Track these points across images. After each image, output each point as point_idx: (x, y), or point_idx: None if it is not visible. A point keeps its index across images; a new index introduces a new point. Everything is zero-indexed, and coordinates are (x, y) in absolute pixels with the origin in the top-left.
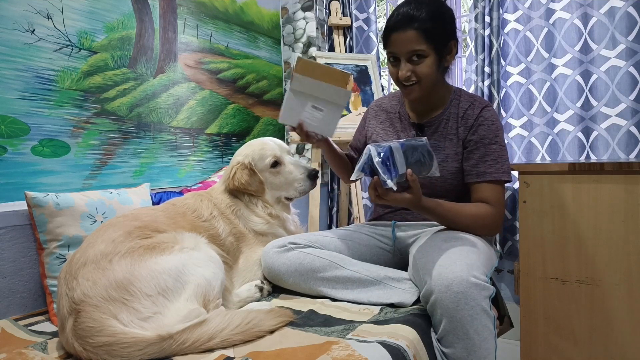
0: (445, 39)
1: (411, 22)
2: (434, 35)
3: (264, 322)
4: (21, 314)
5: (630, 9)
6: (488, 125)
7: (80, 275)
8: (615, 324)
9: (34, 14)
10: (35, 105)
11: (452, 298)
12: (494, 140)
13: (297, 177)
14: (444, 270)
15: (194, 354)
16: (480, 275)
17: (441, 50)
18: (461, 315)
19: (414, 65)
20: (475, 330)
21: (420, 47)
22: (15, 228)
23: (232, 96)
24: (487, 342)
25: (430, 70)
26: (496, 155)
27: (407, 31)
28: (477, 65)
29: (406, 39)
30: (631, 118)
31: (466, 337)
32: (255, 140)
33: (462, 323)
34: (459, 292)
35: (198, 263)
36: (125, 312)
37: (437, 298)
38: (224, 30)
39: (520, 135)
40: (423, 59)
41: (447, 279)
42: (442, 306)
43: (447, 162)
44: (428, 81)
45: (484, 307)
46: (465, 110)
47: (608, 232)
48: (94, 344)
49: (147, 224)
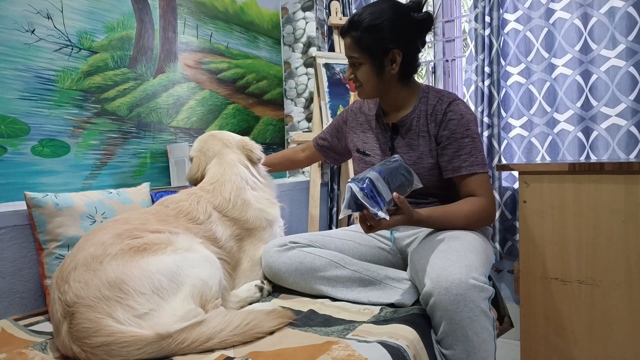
0: (380, 50)
1: (350, 30)
2: (366, 45)
3: (263, 323)
4: (21, 314)
5: (630, 9)
6: (457, 119)
7: (71, 278)
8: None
9: (34, 14)
10: (35, 105)
11: (451, 300)
12: (465, 133)
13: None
14: (442, 272)
15: (193, 354)
16: (479, 277)
17: (378, 59)
18: (460, 317)
19: (355, 69)
20: (474, 332)
21: (354, 53)
22: (15, 228)
23: (232, 96)
24: (486, 343)
25: (366, 77)
26: (470, 149)
27: (346, 38)
28: (477, 65)
29: (346, 45)
30: (631, 118)
31: (465, 339)
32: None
33: (461, 325)
34: (458, 295)
35: (193, 264)
36: (120, 310)
37: (436, 301)
38: (224, 30)
39: (520, 135)
40: (360, 65)
41: (446, 282)
42: (442, 308)
43: (422, 160)
44: (368, 86)
45: (483, 309)
46: (434, 107)
47: (608, 232)
48: (92, 345)
49: (137, 227)
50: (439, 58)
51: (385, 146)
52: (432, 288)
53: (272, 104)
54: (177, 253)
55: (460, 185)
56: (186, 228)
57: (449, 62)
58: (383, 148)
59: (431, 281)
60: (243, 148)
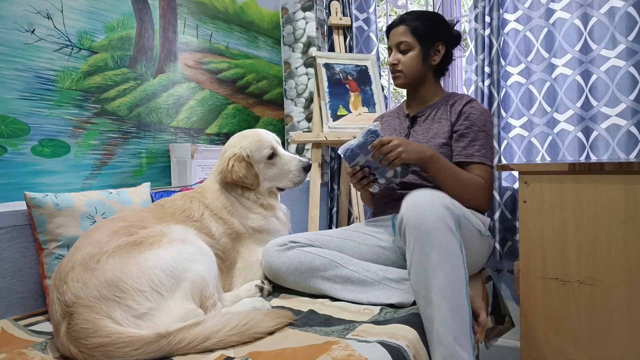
0: (429, 38)
1: (402, 21)
2: (419, 31)
3: (261, 323)
4: (21, 314)
5: (630, 9)
6: (477, 115)
7: (69, 278)
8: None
9: (34, 14)
10: (35, 105)
11: (416, 214)
12: (483, 128)
13: (291, 169)
14: (413, 200)
15: (192, 354)
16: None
17: (427, 46)
18: (425, 228)
19: (402, 55)
20: (439, 242)
21: (405, 38)
22: (15, 228)
23: (232, 96)
24: (450, 259)
25: (411, 62)
26: (484, 142)
27: (398, 26)
28: (477, 65)
29: (397, 32)
30: (631, 118)
31: (427, 254)
32: (249, 131)
33: (426, 236)
34: (424, 209)
35: (190, 257)
36: (118, 310)
37: (404, 218)
38: (224, 30)
39: (520, 135)
40: (408, 51)
41: (415, 200)
42: (409, 225)
43: (435, 138)
44: (410, 72)
45: (448, 224)
46: (455, 101)
47: (608, 232)
48: (89, 346)
49: (134, 224)
50: None
51: (401, 134)
52: (402, 211)
53: (272, 104)
54: (173, 245)
55: (466, 169)
56: (183, 224)
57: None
58: (399, 135)
59: (403, 208)
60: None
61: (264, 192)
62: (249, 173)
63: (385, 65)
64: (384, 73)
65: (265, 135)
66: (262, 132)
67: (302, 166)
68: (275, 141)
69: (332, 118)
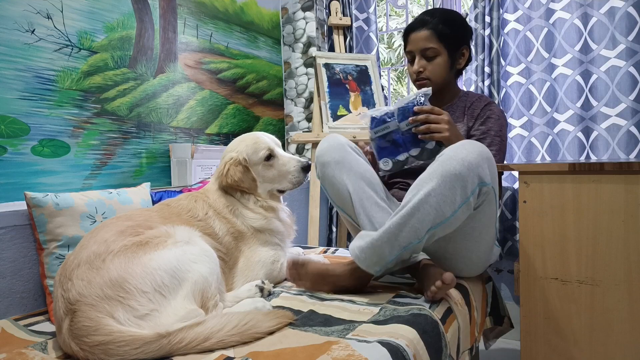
0: (456, 42)
1: (425, 24)
2: (445, 36)
3: (261, 323)
4: (21, 314)
5: (630, 9)
6: (495, 118)
7: (74, 276)
8: (615, 324)
9: (34, 14)
10: (35, 105)
11: (462, 153)
12: (499, 133)
13: (290, 170)
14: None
15: (192, 354)
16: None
17: (453, 51)
18: (456, 167)
19: (428, 62)
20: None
21: (431, 44)
22: (15, 228)
23: (232, 96)
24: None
25: (440, 69)
26: (499, 146)
27: (422, 30)
28: (477, 65)
29: (421, 37)
30: (631, 118)
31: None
32: (247, 135)
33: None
34: (470, 156)
35: (193, 258)
36: (121, 310)
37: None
38: (224, 30)
39: (520, 135)
40: (435, 57)
41: (470, 149)
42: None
43: None
44: (438, 79)
45: (472, 185)
46: (472, 103)
47: (608, 232)
48: (90, 344)
49: (141, 223)
50: None
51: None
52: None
53: (272, 104)
54: (178, 246)
55: None
56: (188, 225)
57: None
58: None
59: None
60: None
61: (265, 195)
62: (245, 177)
63: (386, 65)
64: (383, 73)
65: (262, 137)
66: (260, 134)
67: (301, 166)
68: (275, 143)
69: (332, 118)
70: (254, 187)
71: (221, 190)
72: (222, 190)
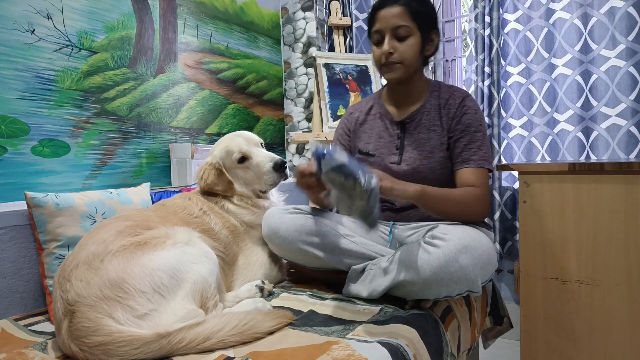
0: (429, 24)
1: (398, 0)
2: (419, 15)
3: (261, 323)
4: (21, 314)
5: (630, 9)
6: (472, 113)
7: (73, 277)
8: (615, 324)
9: (34, 14)
10: (35, 105)
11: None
12: (478, 128)
13: (264, 170)
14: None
15: (192, 354)
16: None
17: (425, 33)
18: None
19: (399, 43)
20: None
21: (404, 22)
22: (15, 228)
23: (232, 96)
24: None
25: (411, 51)
26: (480, 143)
27: (393, 7)
28: (477, 65)
29: (392, 13)
30: (631, 118)
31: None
32: (224, 137)
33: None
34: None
35: (193, 259)
36: (120, 310)
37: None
38: (224, 30)
39: (520, 135)
40: (407, 38)
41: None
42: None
43: (433, 154)
44: (408, 62)
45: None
46: (447, 100)
47: (608, 232)
48: (90, 344)
49: (139, 223)
50: (439, 58)
51: (391, 145)
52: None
53: (272, 104)
54: (177, 247)
55: (458, 175)
56: (186, 223)
57: (449, 62)
58: (389, 147)
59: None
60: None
61: (249, 194)
62: (219, 180)
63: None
64: None
65: (235, 140)
66: (234, 136)
67: (271, 166)
68: (252, 143)
69: (332, 118)
70: (229, 190)
71: (202, 193)
72: (203, 194)
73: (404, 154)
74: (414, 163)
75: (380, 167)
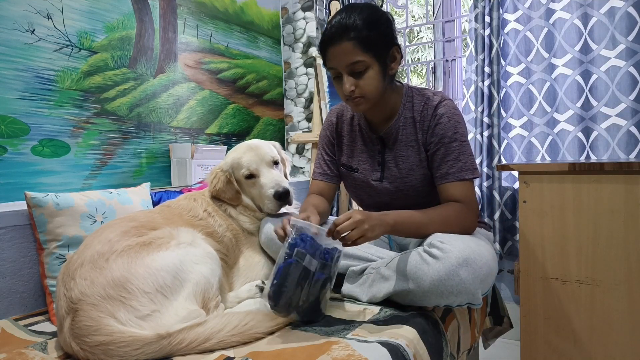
0: (385, 46)
1: (346, 33)
2: (371, 44)
3: (261, 323)
4: (21, 314)
5: (630, 9)
6: (444, 122)
7: (77, 275)
8: (615, 324)
9: (34, 14)
10: (35, 105)
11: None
12: (453, 137)
13: (266, 194)
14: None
15: (192, 354)
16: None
17: (383, 58)
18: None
19: (357, 79)
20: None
21: (359, 57)
22: (15, 228)
23: (232, 96)
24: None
25: (373, 83)
26: (457, 153)
27: (342, 43)
28: (477, 65)
29: (343, 51)
30: (631, 118)
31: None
32: (241, 145)
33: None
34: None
35: (196, 260)
36: (123, 310)
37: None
38: (224, 30)
39: (520, 135)
40: (365, 71)
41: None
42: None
43: (413, 172)
44: (373, 94)
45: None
46: (421, 112)
47: (608, 232)
48: (91, 344)
49: (145, 224)
50: (439, 58)
51: (373, 160)
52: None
53: (272, 104)
54: (181, 247)
55: (441, 190)
56: (190, 225)
57: (449, 62)
58: (371, 162)
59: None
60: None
61: (254, 209)
62: (227, 188)
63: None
64: None
65: (247, 155)
66: (247, 149)
67: (272, 194)
68: (261, 161)
69: None
70: (236, 199)
71: (211, 197)
72: (211, 198)
73: (385, 170)
74: (395, 182)
75: (363, 184)
